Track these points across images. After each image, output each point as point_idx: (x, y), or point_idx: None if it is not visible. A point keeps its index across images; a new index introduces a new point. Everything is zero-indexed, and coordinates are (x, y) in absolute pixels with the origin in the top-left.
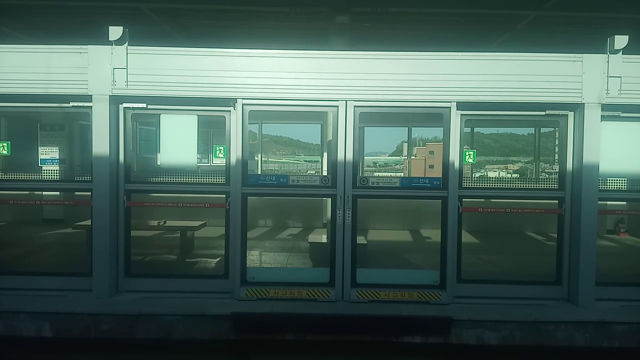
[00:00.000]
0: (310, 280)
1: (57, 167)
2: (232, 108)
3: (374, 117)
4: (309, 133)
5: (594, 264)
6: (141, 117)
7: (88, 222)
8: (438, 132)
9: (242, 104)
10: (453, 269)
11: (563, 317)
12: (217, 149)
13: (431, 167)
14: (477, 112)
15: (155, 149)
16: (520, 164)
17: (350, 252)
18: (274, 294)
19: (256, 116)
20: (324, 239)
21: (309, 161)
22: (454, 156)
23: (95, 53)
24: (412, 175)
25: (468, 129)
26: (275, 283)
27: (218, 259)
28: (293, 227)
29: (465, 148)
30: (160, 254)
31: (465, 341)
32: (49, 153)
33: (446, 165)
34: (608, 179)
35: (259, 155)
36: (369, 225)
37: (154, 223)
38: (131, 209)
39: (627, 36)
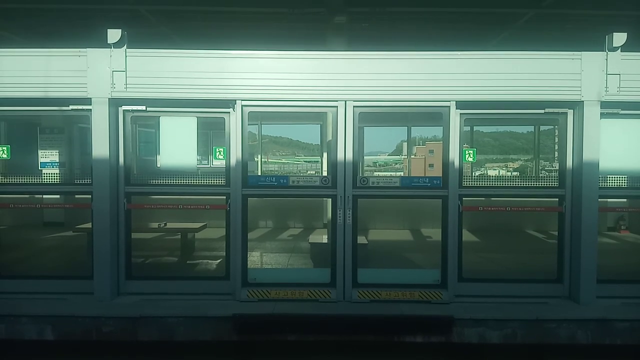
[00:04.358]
0: (311, 280)
1: (57, 171)
2: (231, 109)
3: (373, 116)
4: (309, 133)
5: (595, 261)
6: (141, 120)
7: (89, 225)
8: (437, 131)
9: (242, 105)
10: (454, 267)
11: (565, 315)
12: (217, 150)
13: (431, 166)
14: (476, 110)
15: (155, 151)
16: (520, 162)
17: (351, 252)
18: (275, 295)
19: (255, 117)
20: (324, 239)
21: (308, 161)
22: (454, 155)
23: (94, 56)
24: (412, 175)
25: (467, 128)
26: (277, 284)
27: (219, 261)
28: (293, 227)
29: (465, 147)
30: (161, 256)
31: (467, 340)
32: (49, 156)
33: (446, 164)
34: (608, 176)
35: (259, 156)
36: (370, 225)
37: (155, 225)
38: (131, 211)
39: (626, 33)
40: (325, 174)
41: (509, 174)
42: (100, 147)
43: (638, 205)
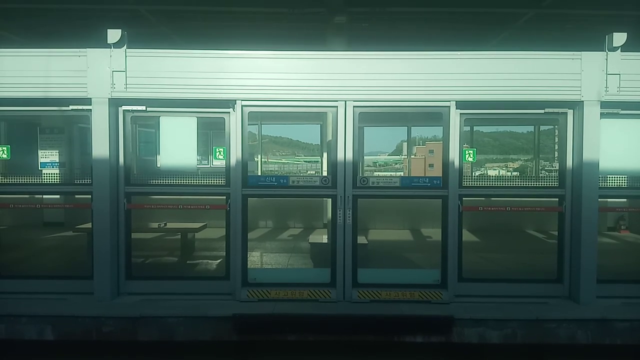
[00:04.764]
0: (311, 280)
1: (57, 171)
2: (231, 109)
3: (373, 116)
4: (309, 133)
5: (594, 261)
6: (141, 120)
7: (88, 225)
8: (437, 131)
9: (242, 105)
10: (454, 267)
11: (565, 315)
12: (217, 150)
13: (431, 166)
14: (476, 110)
15: (155, 151)
16: (520, 162)
17: (351, 252)
18: (275, 295)
19: (255, 117)
20: (324, 239)
21: (308, 161)
22: (454, 155)
23: (94, 56)
24: (412, 175)
25: (467, 128)
26: (277, 284)
27: (219, 261)
28: (294, 227)
29: (465, 147)
30: (161, 256)
31: (467, 340)
32: (49, 156)
33: (446, 164)
34: (608, 176)
35: (259, 156)
36: (370, 225)
37: (155, 225)
38: (131, 211)
39: (626, 33)
40: (325, 174)
41: (509, 174)
42: (100, 147)
43: (638, 205)
